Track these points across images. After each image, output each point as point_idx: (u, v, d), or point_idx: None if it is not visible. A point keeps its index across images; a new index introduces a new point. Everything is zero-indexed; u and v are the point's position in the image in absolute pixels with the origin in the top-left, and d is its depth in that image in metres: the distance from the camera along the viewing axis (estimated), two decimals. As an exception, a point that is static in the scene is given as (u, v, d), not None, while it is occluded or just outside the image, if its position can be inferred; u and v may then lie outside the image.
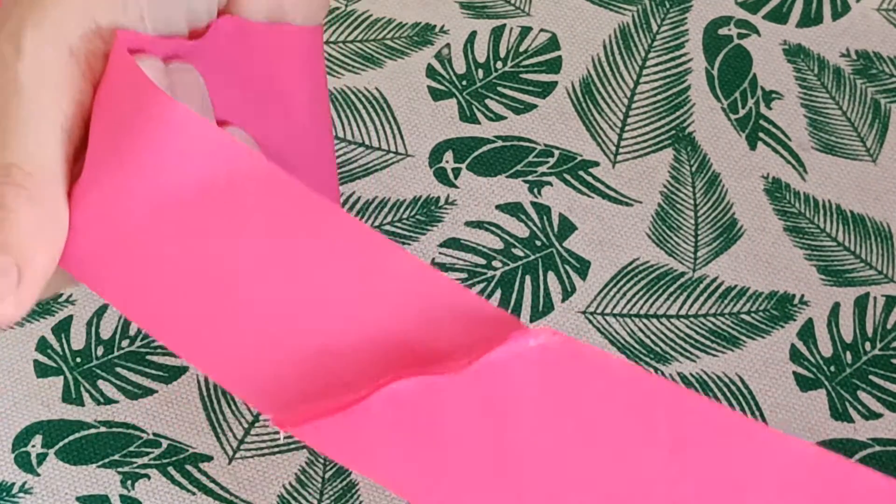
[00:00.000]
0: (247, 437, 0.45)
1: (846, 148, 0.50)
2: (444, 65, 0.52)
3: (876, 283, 0.47)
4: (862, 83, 0.51)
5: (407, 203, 0.49)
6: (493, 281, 0.47)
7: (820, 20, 0.53)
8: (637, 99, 0.51)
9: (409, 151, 0.50)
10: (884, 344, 0.46)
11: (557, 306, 0.47)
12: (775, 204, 0.49)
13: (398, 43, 0.53)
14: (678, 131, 0.50)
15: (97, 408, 0.46)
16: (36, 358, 0.47)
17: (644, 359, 0.46)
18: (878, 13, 0.53)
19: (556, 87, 0.52)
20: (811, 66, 0.51)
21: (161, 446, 0.45)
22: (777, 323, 0.46)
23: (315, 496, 0.44)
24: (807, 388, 0.45)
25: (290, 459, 0.45)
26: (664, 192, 0.49)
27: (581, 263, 0.48)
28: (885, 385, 0.45)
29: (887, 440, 0.44)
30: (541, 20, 0.53)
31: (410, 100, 0.52)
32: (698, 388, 0.45)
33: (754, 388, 0.45)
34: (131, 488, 0.44)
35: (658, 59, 0.52)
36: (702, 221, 0.48)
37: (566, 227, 0.48)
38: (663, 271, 0.47)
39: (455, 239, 0.48)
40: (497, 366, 0.32)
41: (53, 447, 0.45)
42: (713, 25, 0.53)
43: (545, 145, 0.50)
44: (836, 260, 0.47)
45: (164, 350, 0.47)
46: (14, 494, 0.44)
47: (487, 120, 0.51)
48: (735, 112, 0.51)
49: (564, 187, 0.49)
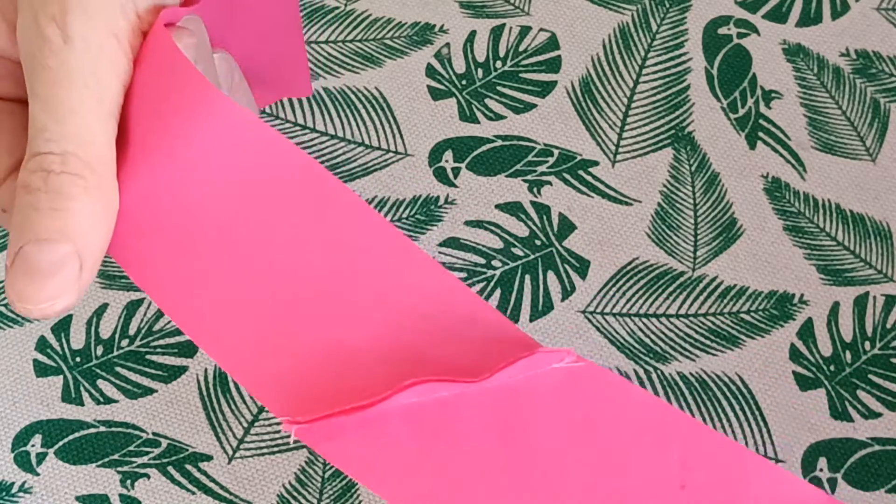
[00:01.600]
0: (246, 437, 0.45)
1: (846, 147, 0.50)
2: (444, 64, 0.52)
3: (875, 283, 0.47)
4: (861, 83, 0.51)
5: (406, 202, 0.49)
6: (492, 280, 0.47)
7: (819, 20, 0.53)
8: (636, 98, 0.51)
9: (409, 151, 0.50)
10: (883, 343, 0.46)
11: (557, 306, 0.47)
12: (775, 203, 0.49)
13: (398, 42, 0.53)
14: (678, 131, 0.50)
15: (97, 407, 0.46)
16: (35, 357, 0.47)
17: (643, 358, 0.46)
18: (877, 13, 0.53)
19: (555, 86, 0.51)
20: (811, 65, 0.51)
21: (161, 446, 0.45)
22: (777, 322, 0.46)
23: (315, 496, 0.44)
24: (806, 387, 0.45)
25: (289, 459, 0.45)
26: (664, 191, 0.49)
27: (581, 263, 0.48)
28: (884, 384, 0.45)
29: (887, 439, 0.44)
30: (540, 20, 0.53)
31: (410, 99, 0.51)
32: (698, 388, 0.45)
33: (754, 387, 0.45)
34: (131, 488, 0.44)
35: (657, 58, 0.52)
36: (701, 221, 0.48)
37: (566, 226, 0.48)
38: (663, 271, 0.47)
39: (455, 238, 0.48)
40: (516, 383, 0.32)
41: (53, 447, 0.45)
42: (713, 25, 0.53)
43: (545, 145, 0.50)
44: (835, 259, 0.47)
45: (164, 350, 0.47)
46: (14, 494, 0.44)
47: (487, 119, 0.51)
48: (734, 111, 0.51)
49: (564, 187, 0.49)
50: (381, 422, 0.32)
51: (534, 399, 0.32)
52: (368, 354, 0.32)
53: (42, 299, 0.32)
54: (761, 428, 0.44)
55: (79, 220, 0.32)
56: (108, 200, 0.33)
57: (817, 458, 0.44)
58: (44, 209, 0.32)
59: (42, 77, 0.32)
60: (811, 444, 0.44)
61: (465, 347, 0.32)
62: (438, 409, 0.32)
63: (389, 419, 0.32)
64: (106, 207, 0.33)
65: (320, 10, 0.54)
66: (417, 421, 0.32)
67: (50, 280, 0.32)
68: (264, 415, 0.45)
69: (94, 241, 0.32)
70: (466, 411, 0.32)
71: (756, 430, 0.44)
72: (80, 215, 0.32)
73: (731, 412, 0.44)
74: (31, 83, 0.33)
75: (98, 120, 0.33)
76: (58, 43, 0.32)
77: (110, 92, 0.33)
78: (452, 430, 0.32)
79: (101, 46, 0.32)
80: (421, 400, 0.32)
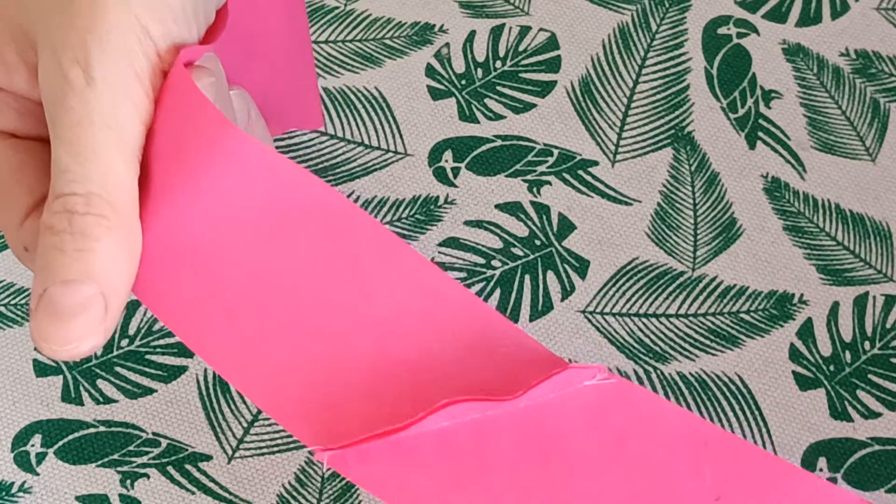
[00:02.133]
0: (246, 437, 0.45)
1: (845, 147, 0.50)
2: (444, 64, 0.52)
3: (875, 283, 0.47)
4: (861, 82, 0.51)
5: (406, 202, 0.49)
6: (492, 280, 0.47)
7: (819, 19, 0.53)
8: (636, 98, 0.51)
9: (409, 151, 0.50)
10: (883, 343, 0.46)
11: (557, 305, 0.47)
12: (774, 203, 0.49)
13: (397, 42, 0.53)
14: (677, 130, 0.50)
15: (96, 407, 0.46)
16: (35, 357, 0.47)
17: (643, 358, 0.46)
18: (877, 12, 0.53)
19: (555, 86, 0.51)
20: (810, 65, 0.51)
21: (160, 446, 0.45)
22: (776, 322, 0.46)
23: (314, 495, 0.44)
24: (806, 387, 0.45)
25: (289, 459, 0.45)
26: (663, 191, 0.49)
27: (580, 263, 0.48)
28: (884, 384, 0.45)
29: (886, 439, 0.44)
30: (540, 19, 0.53)
31: (410, 99, 0.52)
32: (698, 388, 0.45)
33: (753, 387, 0.45)
34: (131, 488, 0.44)
35: (657, 58, 0.52)
36: (701, 221, 0.48)
37: (565, 226, 0.48)
38: (662, 270, 0.47)
39: (454, 238, 0.48)
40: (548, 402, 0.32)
41: (53, 446, 0.45)
42: (712, 25, 0.53)
43: (544, 144, 0.50)
44: (835, 259, 0.47)
45: (164, 349, 0.47)
46: (13, 494, 0.44)
47: (487, 119, 0.51)
48: (734, 111, 0.51)
49: (564, 187, 0.49)
50: (413, 445, 0.32)
51: (566, 417, 0.32)
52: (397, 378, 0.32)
53: (68, 340, 0.32)
54: (761, 428, 0.44)
55: (103, 261, 0.32)
56: (131, 240, 0.33)
57: (817, 457, 0.44)
58: (68, 250, 0.32)
59: (65, 118, 0.33)
60: (811, 444, 0.44)
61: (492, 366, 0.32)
62: (471, 429, 0.32)
63: (422, 442, 0.32)
64: (130, 247, 0.33)
65: (320, 10, 0.54)
66: (450, 442, 0.32)
67: (75, 321, 0.32)
68: (264, 415, 0.45)
69: (118, 281, 0.33)
70: (499, 431, 0.32)
71: (756, 430, 0.44)
72: (105, 256, 0.32)
73: (731, 412, 0.45)
74: (54, 124, 0.33)
75: (121, 160, 0.33)
76: (80, 84, 0.32)
77: (132, 132, 0.33)
78: (486, 451, 0.32)
79: (123, 87, 0.33)
80: (453, 422, 0.32)
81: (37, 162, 0.35)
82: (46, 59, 0.33)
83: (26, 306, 0.48)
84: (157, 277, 0.33)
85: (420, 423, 0.31)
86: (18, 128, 0.36)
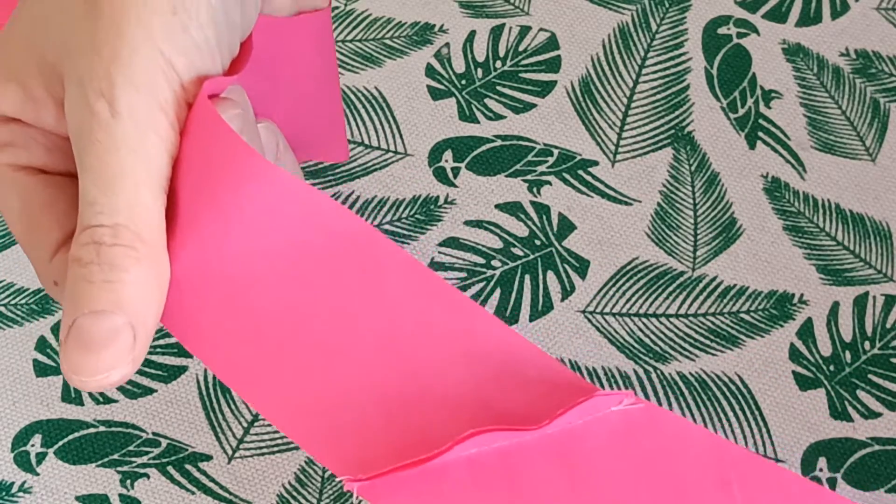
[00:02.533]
0: (246, 437, 0.45)
1: (845, 147, 0.50)
2: (444, 64, 0.52)
3: (875, 283, 0.47)
4: (861, 82, 0.51)
5: (406, 202, 0.49)
6: (492, 280, 0.47)
7: (819, 19, 0.53)
8: (636, 98, 0.51)
9: (409, 151, 0.50)
10: (883, 343, 0.46)
11: (557, 305, 0.47)
12: (774, 203, 0.49)
13: (397, 42, 0.53)
14: (677, 130, 0.50)
15: (96, 407, 0.46)
16: (35, 357, 0.47)
17: (643, 358, 0.46)
18: (877, 12, 0.53)
19: (555, 86, 0.52)
20: (810, 65, 0.51)
21: (160, 446, 0.45)
22: (776, 322, 0.46)
23: (314, 495, 0.44)
24: (806, 387, 0.45)
25: (289, 459, 0.45)
26: (663, 191, 0.49)
27: (580, 263, 0.48)
28: (884, 384, 0.45)
29: (886, 439, 0.44)
30: (540, 19, 0.53)
31: (410, 99, 0.52)
32: (697, 388, 0.45)
33: (753, 387, 0.45)
34: (131, 488, 0.44)
35: (657, 58, 0.52)
36: (701, 221, 0.48)
37: (565, 226, 0.48)
38: (662, 270, 0.47)
39: (454, 238, 0.48)
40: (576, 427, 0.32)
41: (53, 446, 0.45)
42: (712, 25, 0.53)
43: (544, 144, 0.50)
44: (835, 259, 0.47)
45: (164, 349, 0.47)
46: (13, 494, 0.44)
47: (487, 119, 0.51)
48: (734, 111, 0.51)
49: (564, 187, 0.49)
50: (442, 472, 0.32)
51: (593, 444, 0.32)
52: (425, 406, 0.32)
53: (98, 371, 0.32)
54: (761, 428, 0.44)
55: (131, 291, 0.33)
56: (159, 271, 0.33)
57: (817, 457, 0.44)
58: (97, 281, 0.32)
59: (91, 151, 0.33)
60: (811, 444, 0.44)
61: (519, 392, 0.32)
62: (499, 458, 0.32)
63: (451, 471, 0.32)
64: (158, 278, 0.33)
65: (320, 10, 0.54)
66: (479, 471, 0.32)
67: (104, 352, 0.32)
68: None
69: (146, 311, 0.33)
70: (527, 459, 0.32)
71: (756, 430, 0.44)
72: (133, 286, 0.33)
73: (731, 412, 0.45)
74: (81, 157, 0.33)
75: (148, 191, 0.33)
76: (106, 117, 0.33)
77: (158, 164, 0.33)
78: (514, 477, 0.32)
79: (148, 119, 0.33)
80: (481, 450, 0.32)
81: (66, 197, 0.36)
82: (73, 92, 0.33)
83: (26, 306, 0.48)
84: (186, 308, 0.34)
85: (447, 453, 0.31)
86: (47, 163, 0.36)
